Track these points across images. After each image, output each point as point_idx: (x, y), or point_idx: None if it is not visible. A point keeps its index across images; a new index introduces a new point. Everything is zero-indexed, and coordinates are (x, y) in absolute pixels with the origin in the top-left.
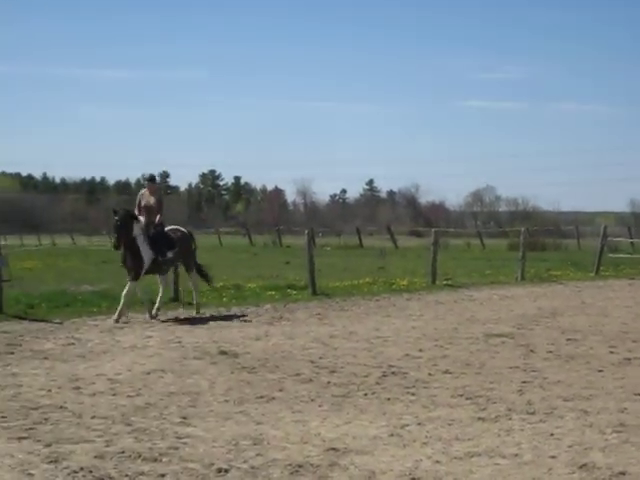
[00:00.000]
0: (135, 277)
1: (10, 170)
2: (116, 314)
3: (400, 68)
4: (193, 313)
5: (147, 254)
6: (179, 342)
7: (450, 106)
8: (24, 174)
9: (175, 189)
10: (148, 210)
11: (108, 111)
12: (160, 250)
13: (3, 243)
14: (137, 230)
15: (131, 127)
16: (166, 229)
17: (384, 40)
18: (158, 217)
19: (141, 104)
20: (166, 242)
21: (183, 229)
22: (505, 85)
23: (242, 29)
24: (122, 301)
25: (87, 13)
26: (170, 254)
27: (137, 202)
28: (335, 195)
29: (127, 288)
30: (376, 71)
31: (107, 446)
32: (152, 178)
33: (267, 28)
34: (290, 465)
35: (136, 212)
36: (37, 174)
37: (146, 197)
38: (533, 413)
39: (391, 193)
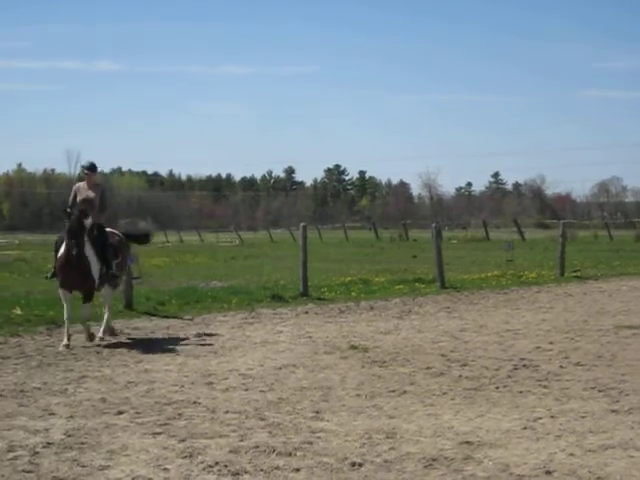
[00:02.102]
0: (90, 297)
1: (137, 168)
2: (65, 339)
3: (523, 58)
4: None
5: (95, 267)
6: (309, 337)
7: (573, 96)
8: (150, 172)
9: (301, 184)
10: (90, 206)
11: (232, 108)
12: (107, 261)
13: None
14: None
15: (255, 124)
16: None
17: (506, 32)
18: (99, 217)
19: (263, 101)
20: (112, 250)
21: (117, 232)
22: (630, 73)
23: (354, 23)
24: (85, 327)
25: (205, 11)
26: (114, 266)
27: (72, 197)
28: (461, 188)
29: (82, 312)
30: (499, 62)
31: (241, 441)
32: (92, 166)
33: (378, 21)
34: (424, 459)
35: (69, 210)
36: (163, 172)
37: (84, 191)
38: None
39: (517, 185)
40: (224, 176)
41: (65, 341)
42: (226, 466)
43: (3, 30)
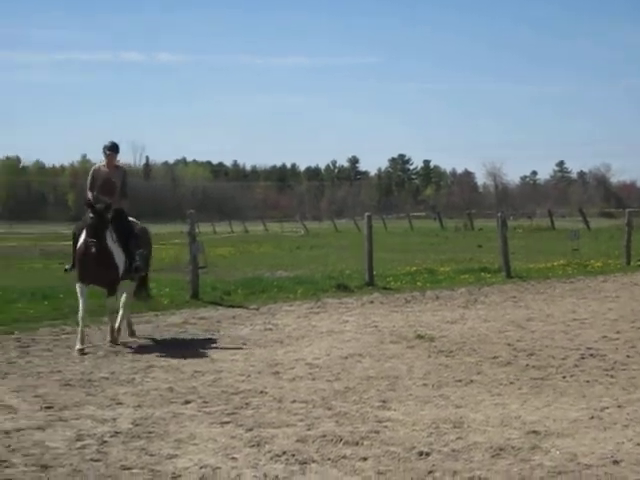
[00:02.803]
0: (114, 291)
1: (201, 159)
2: (78, 343)
3: (584, 49)
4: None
5: (120, 258)
6: (375, 327)
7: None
8: (215, 162)
9: (365, 174)
10: (108, 192)
11: (295, 99)
12: (130, 252)
13: (197, 231)
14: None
15: (319, 114)
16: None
17: (568, 22)
18: (120, 203)
19: (326, 91)
20: (135, 241)
21: (137, 221)
22: None
23: (418, 16)
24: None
25: (268, 2)
26: (138, 258)
27: (90, 180)
28: (525, 177)
29: (108, 307)
30: (563, 52)
31: (308, 430)
32: (114, 146)
33: (437, 17)
34: (491, 448)
35: (88, 195)
36: (228, 162)
37: (104, 174)
38: None
39: (582, 174)
40: (289, 166)
41: (79, 345)
42: (293, 455)
43: (66, 22)
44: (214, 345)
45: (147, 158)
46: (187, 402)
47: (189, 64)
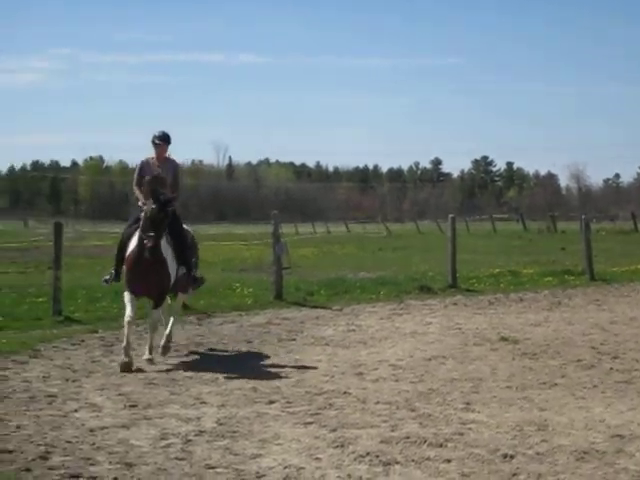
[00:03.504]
0: (162, 302)
1: (284, 159)
2: (124, 356)
3: None
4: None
5: (172, 266)
6: (459, 328)
7: None
8: (297, 163)
9: (447, 176)
10: (159, 187)
11: (374, 99)
12: (186, 260)
13: (280, 231)
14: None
15: (401, 115)
16: None
17: None
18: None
19: (407, 92)
20: (190, 248)
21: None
22: None
23: (495, 16)
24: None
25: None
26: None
27: (137, 173)
28: (608, 179)
29: (151, 320)
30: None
31: (392, 431)
32: (165, 136)
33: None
34: (575, 451)
35: (136, 193)
36: (311, 163)
37: (153, 166)
38: None
39: None
40: (371, 167)
41: (125, 358)
42: (377, 456)
43: (148, 24)
44: (297, 345)
45: (230, 159)
46: (271, 402)
47: (271, 64)
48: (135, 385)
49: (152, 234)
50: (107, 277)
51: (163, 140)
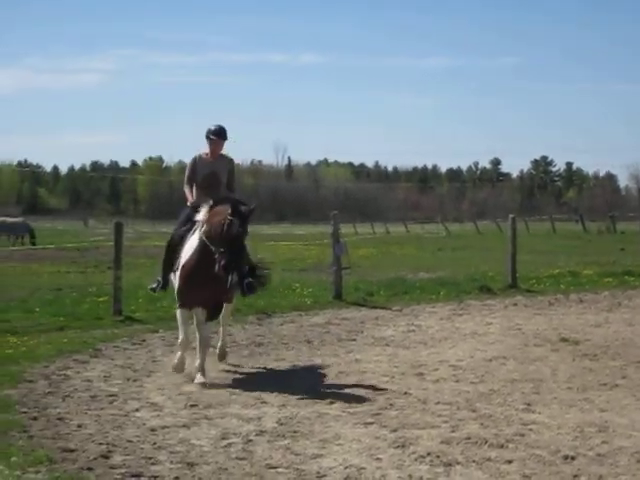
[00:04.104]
0: (218, 314)
1: (343, 159)
2: (199, 375)
3: None
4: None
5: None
6: (519, 329)
7: None
8: (356, 163)
9: (507, 176)
10: (210, 189)
11: (434, 99)
12: (239, 266)
13: (340, 231)
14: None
15: (460, 115)
16: None
17: None
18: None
19: (466, 92)
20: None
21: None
22: None
23: (558, 15)
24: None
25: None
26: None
27: (189, 171)
28: None
29: (202, 335)
30: None
31: (453, 432)
32: (221, 131)
33: (577, 15)
34: (637, 453)
35: (186, 191)
36: (369, 163)
37: (206, 165)
38: None
39: None
40: (430, 167)
41: (200, 379)
42: (438, 457)
43: (211, 24)
44: (358, 346)
45: (289, 159)
46: (331, 402)
47: (330, 65)
48: (195, 385)
49: (226, 251)
50: (154, 285)
51: (218, 135)
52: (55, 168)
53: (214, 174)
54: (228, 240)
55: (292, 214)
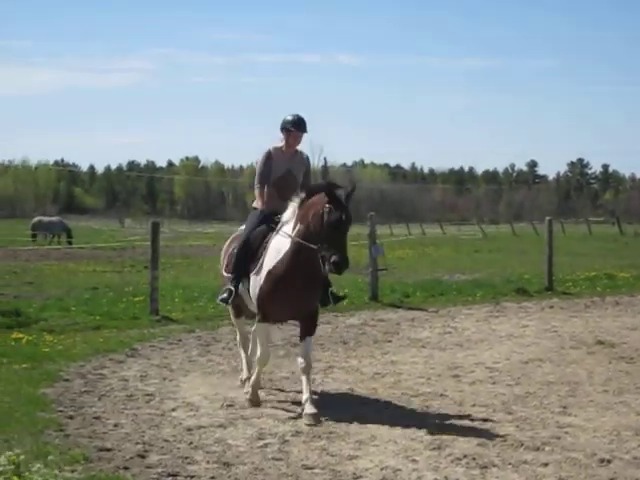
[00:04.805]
0: (315, 327)
1: (379, 161)
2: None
3: None
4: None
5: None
6: (555, 332)
7: None
8: (393, 165)
9: (543, 178)
10: (286, 190)
11: (470, 100)
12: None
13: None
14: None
15: (497, 116)
16: None
17: None
18: None
19: (503, 93)
20: None
21: None
22: None
23: (595, 18)
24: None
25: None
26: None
27: (262, 169)
28: None
29: (304, 354)
30: None
31: (489, 434)
32: (300, 122)
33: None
34: None
35: (256, 193)
36: (406, 165)
37: (283, 161)
38: None
39: None
40: (467, 169)
41: (311, 409)
42: (474, 459)
43: (244, 25)
44: (393, 347)
45: (325, 159)
46: (367, 403)
47: (366, 66)
48: (232, 385)
49: (334, 244)
50: (224, 295)
51: (298, 127)
52: (91, 167)
53: (291, 174)
54: (333, 229)
55: None
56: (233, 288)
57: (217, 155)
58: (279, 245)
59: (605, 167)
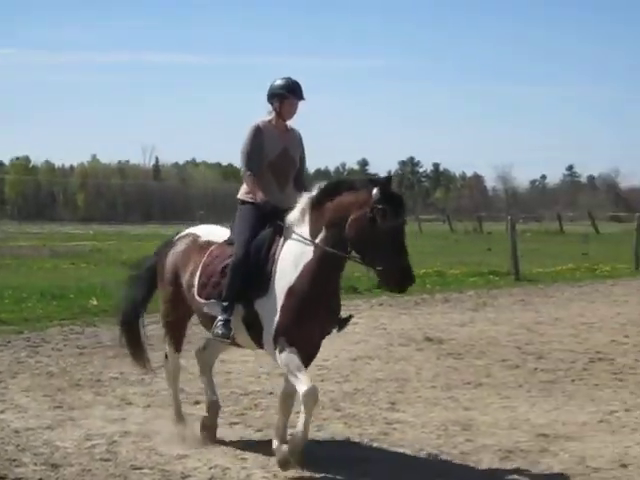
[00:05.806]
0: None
1: (212, 160)
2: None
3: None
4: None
5: None
6: (384, 329)
7: None
8: (224, 164)
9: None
10: (281, 174)
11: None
12: None
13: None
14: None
15: (329, 116)
16: None
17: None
18: (289, 196)
19: (335, 93)
20: None
21: None
22: None
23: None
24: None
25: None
26: None
27: (251, 147)
28: (535, 181)
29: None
30: (572, 53)
31: (318, 431)
32: (296, 87)
33: (444, 18)
34: (500, 450)
35: (248, 182)
36: (238, 163)
37: (276, 138)
38: None
39: (591, 178)
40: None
41: (282, 447)
42: None
43: (69, 20)
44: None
45: (157, 158)
46: (197, 402)
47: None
48: (61, 386)
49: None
50: (223, 331)
51: (293, 92)
52: None
53: (287, 154)
54: (392, 236)
55: (158, 214)
56: (229, 317)
57: (48, 154)
58: (295, 254)
59: (436, 166)
